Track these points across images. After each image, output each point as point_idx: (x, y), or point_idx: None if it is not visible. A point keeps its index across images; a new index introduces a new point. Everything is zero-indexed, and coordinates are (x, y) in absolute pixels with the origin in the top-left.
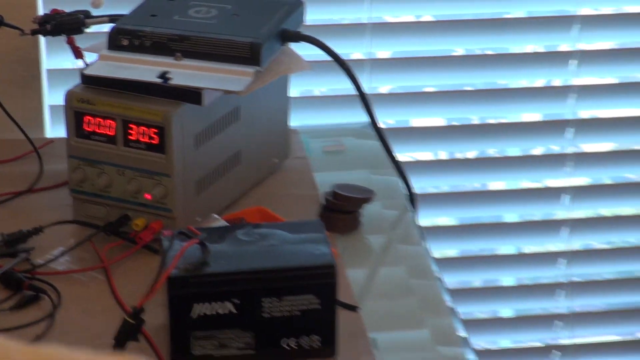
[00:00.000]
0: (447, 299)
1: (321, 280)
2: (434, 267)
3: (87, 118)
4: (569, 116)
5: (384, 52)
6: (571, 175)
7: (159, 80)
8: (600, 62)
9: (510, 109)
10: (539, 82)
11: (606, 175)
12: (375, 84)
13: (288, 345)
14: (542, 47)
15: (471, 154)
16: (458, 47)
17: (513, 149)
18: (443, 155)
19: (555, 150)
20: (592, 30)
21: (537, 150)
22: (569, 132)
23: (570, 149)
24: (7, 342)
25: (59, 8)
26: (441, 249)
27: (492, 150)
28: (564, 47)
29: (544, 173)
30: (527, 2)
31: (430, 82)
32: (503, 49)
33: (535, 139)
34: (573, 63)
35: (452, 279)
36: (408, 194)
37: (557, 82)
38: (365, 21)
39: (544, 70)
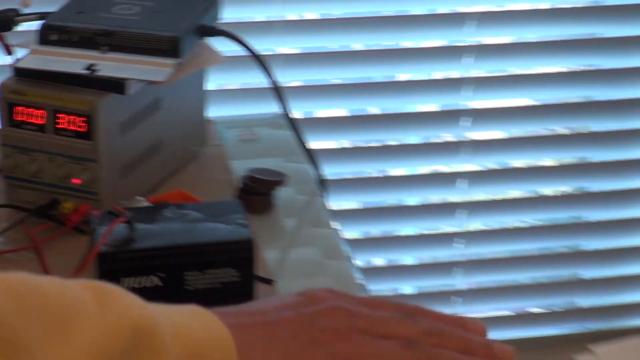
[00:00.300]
0: (358, 277)
1: (240, 254)
2: (345, 248)
3: (19, 108)
4: (464, 107)
5: (293, 48)
6: (467, 162)
7: (86, 72)
8: (495, 56)
9: (409, 101)
10: (437, 75)
11: (498, 161)
12: (284, 78)
13: None
14: (441, 42)
15: (373, 142)
16: (360, 42)
17: (412, 138)
18: (346, 143)
19: (451, 138)
20: (487, 27)
21: (435, 138)
22: (465, 122)
23: (465, 137)
24: None
25: None
26: (346, 231)
27: (393, 139)
28: (460, 42)
29: (441, 160)
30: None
31: (334, 75)
32: (402, 44)
33: (433, 128)
34: (469, 57)
35: (357, 259)
36: (318, 179)
37: (454, 74)
38: (275, 19)
39: (441, 64)
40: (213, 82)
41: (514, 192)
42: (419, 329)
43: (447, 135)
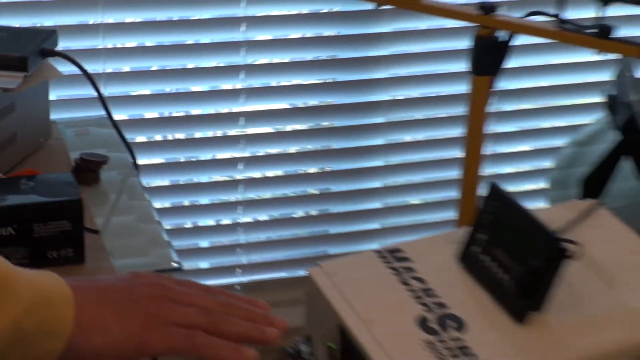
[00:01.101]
0: (165, 236)
1: (72, 211)
2: (156, 215)
3: None
4: (241, 110)
5: (115, 67)
6: (244, 150)
7: None
8: (261, 72)
9: (201, 106)
10: (222, 86)
11: (266, 149)
12: (108, 90)
13: (52, 255)
14: (222, 63)
15: (178, 136)
16: (166, 64)
17: (205, 133)
18: (159, 137)
19: (233, 133)
20: (255, 52)
21: (220, 133)
22: (242, 120)
23: (243, 132)
24: None
25: None
26: (161, 202)
27: (193, 134)
28: (236, 63)
29: (225, 149)
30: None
31: (147, 88)
32: (197, 65)
33: (219, 125)
34: (242, 73)
35: (168, 223)
36: (134, 164)
37: (237, 86)
38: (100, 46)
39: (223, 79)
40: (54, 92)
41: (280, 171)
42: (215, 302)
43: (229, 130)
